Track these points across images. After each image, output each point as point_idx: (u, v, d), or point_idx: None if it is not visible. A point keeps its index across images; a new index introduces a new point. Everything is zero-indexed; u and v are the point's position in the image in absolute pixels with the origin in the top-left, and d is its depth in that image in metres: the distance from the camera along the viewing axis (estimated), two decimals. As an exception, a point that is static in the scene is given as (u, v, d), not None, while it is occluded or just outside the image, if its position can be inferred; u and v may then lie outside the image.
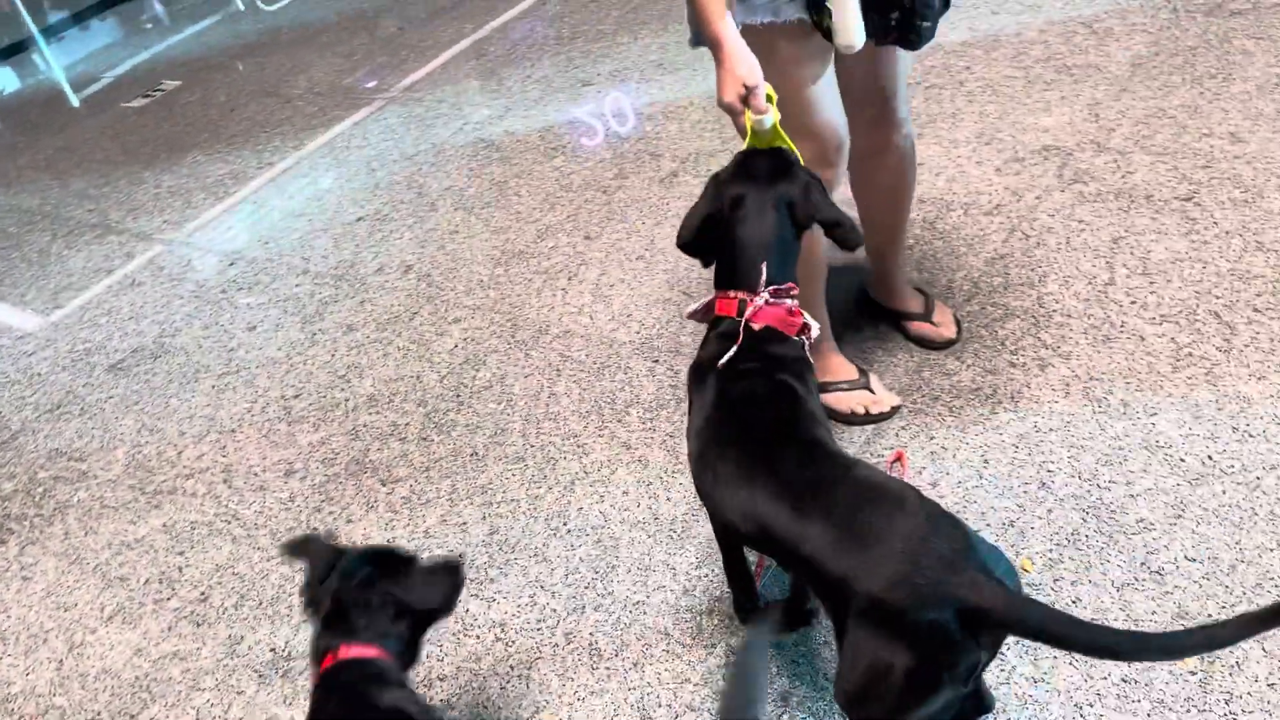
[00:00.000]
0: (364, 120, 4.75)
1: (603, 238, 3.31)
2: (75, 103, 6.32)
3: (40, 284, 4.16)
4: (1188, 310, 2.39)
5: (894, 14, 1.82)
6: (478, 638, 2.15)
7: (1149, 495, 2.01)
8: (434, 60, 5.19)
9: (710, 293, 1.84)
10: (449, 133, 4.35)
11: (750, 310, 1.71)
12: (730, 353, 1.69)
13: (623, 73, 4.38)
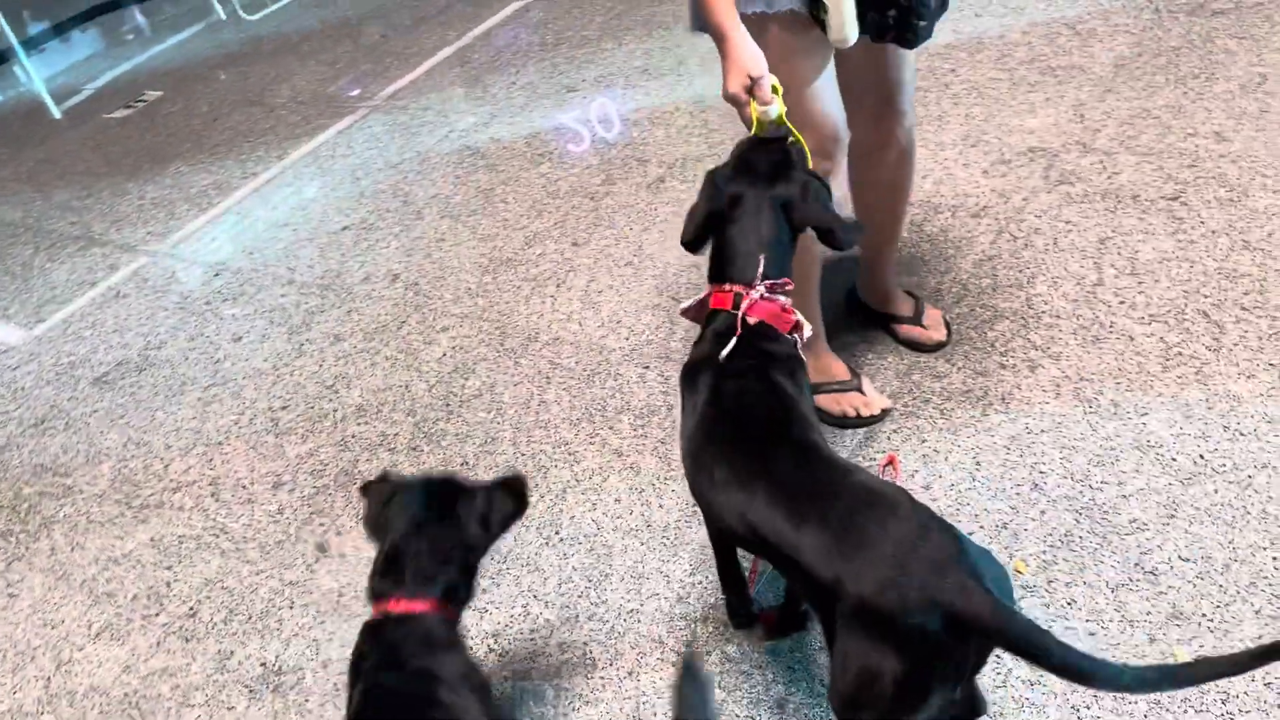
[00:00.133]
0: (348, 129, 4.73)
1: (591, 244, 3.30)
2: (57, 114, 6.28)
3: (23, 297, 4.13)
4: (1176, 310, 2.39)
5: (891, 12, 1.82)
6: (470, 650, 2.13)
7: (1141, 495, 2.01)
8: (418, 68, 5.17)
9: (702, 291, 1.83)
10: (434, 140, 4.34)
11: (746, 304, 1.70)
12: (731, 344, 1.68)
13: (608, 78, 4.37)
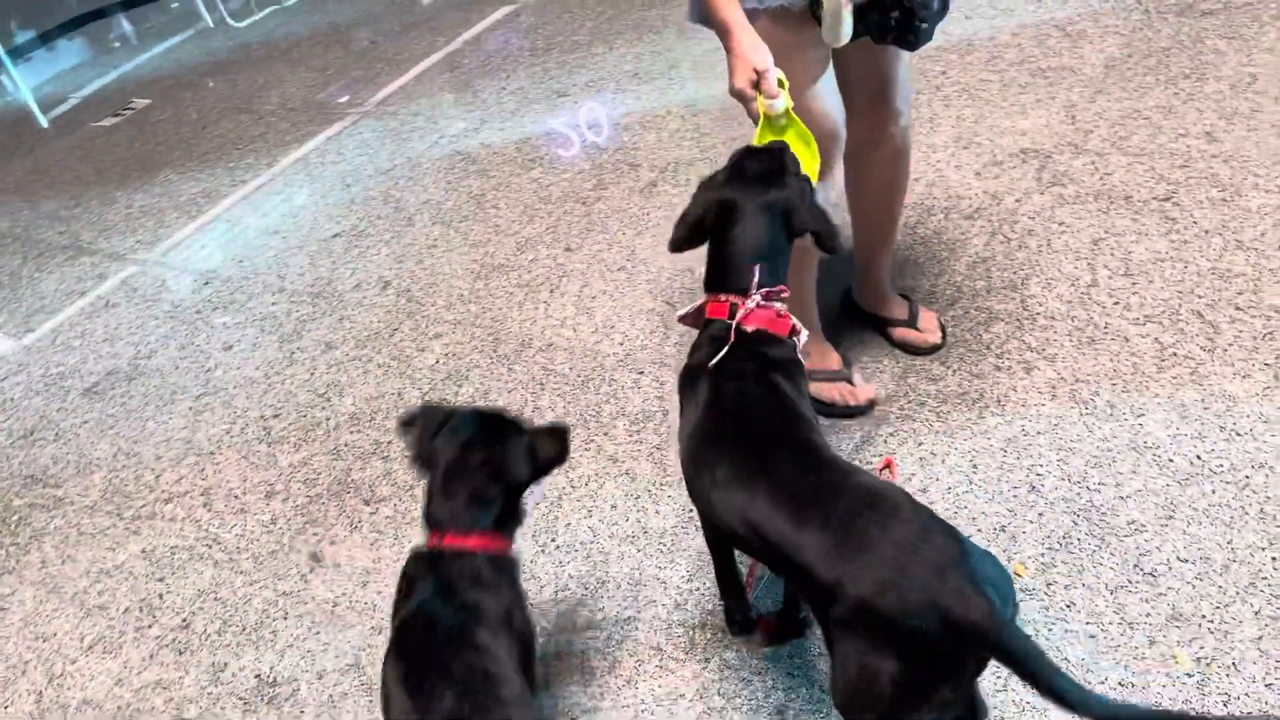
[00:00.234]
0: (338, 135, 4.71)
1: (583, 249, 3.29)
2: (44, 123, 6.25)
3: (11, 307, 4.10)
4: (1170, 310, 2.39)
5: (894, 13, 1.82)
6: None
7: (1139, 497, 2.01)
8: (408, 73, 5.16)
9: (698, 297, 1.82)
10: (424, 146, 4.32)
11: (742, 313, 1.71)
12: (721, 354, 1.68)
13: (598, 83, 4.37)
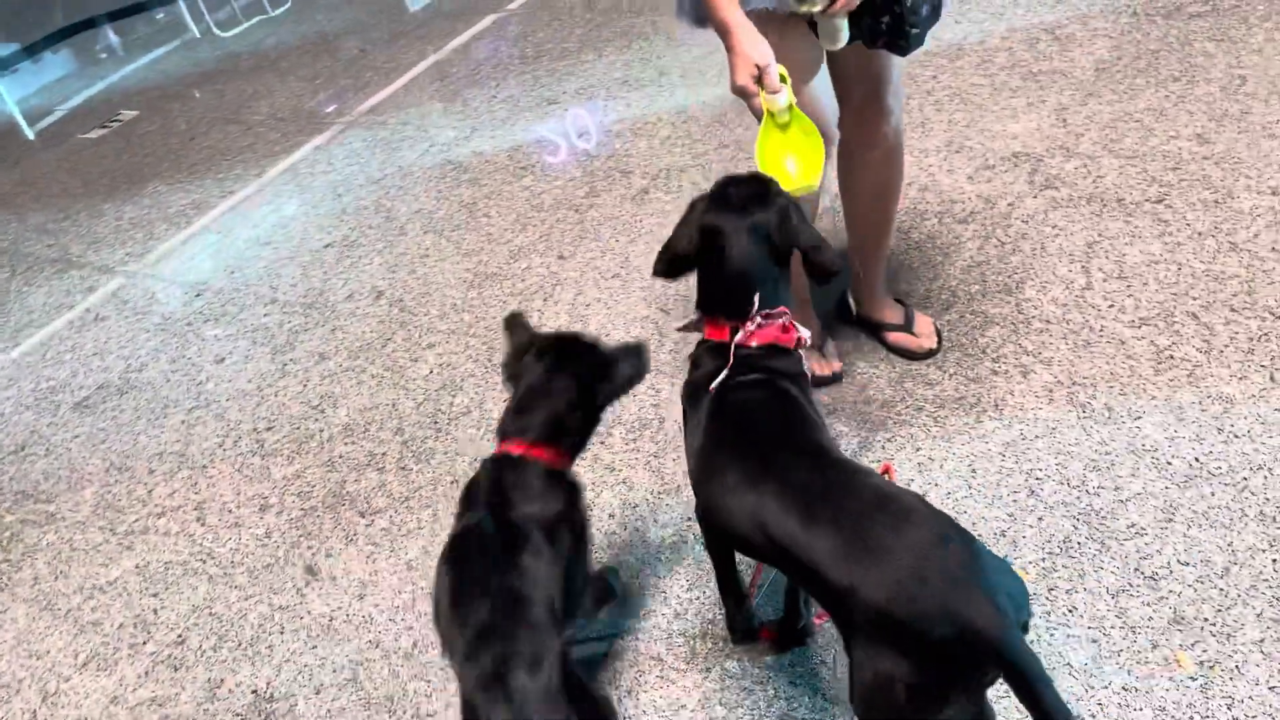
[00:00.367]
0: (328, 145, 4.69)
1: (576, 257, 3.28)
2: (30, 136, 6.21)
3: (0, 322, 4.07)
4: (1165, 312, 2.39)
5: (885, 19, 1.83)
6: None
7: (1138, 500, 2.00)
8: (398, 82, 5.15)
9: (693, 302, 1.82)
10: (415, 155, 4.31)
11: (741, 335, 1.71)
12: (721, 376, 1.68)
13: (589, 90, 4.36)
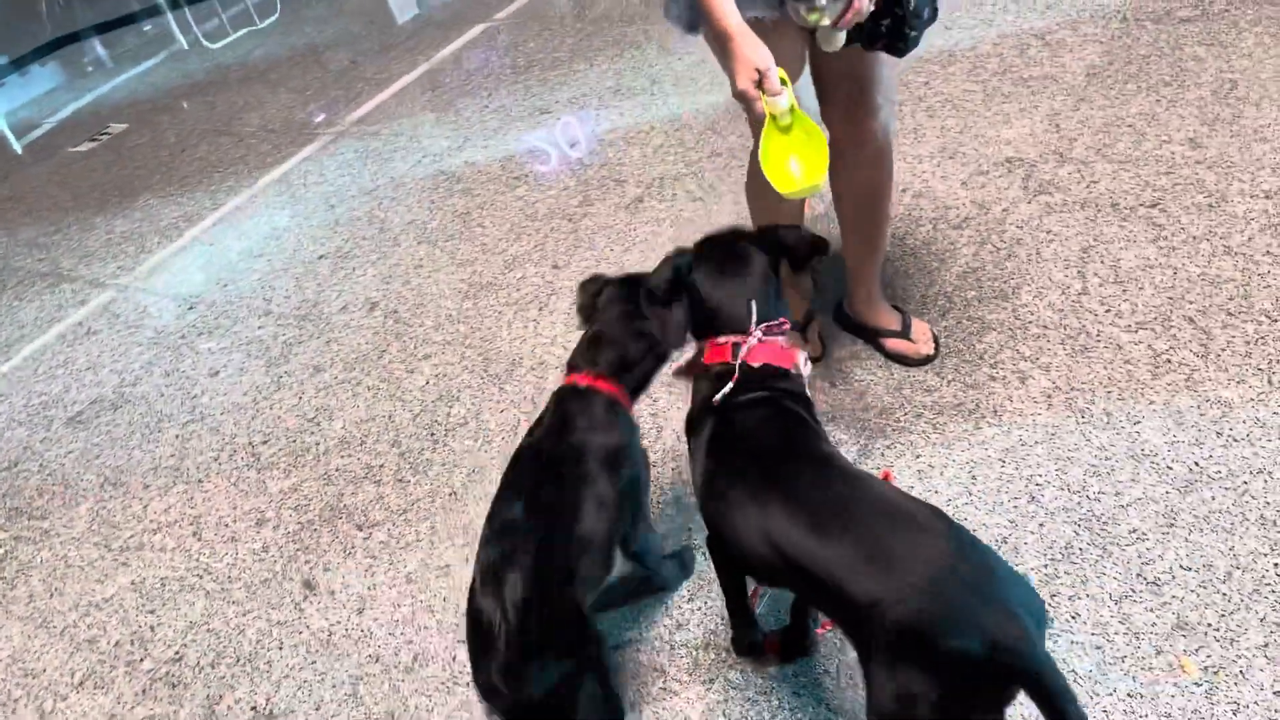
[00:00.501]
0: (320, 156, 4.68)
1: (571, 266, 3.28)
2: (18, 149, 6.19)
3: (-9, 337, 4.05)
4: (1162, 317, 2.40)
5: (885, 21, 1.83)
6: (468, 685, 2.09)
7: (1139, 505, 2.00)
8: (388, 92, 5.14)
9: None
10: (408, 166, 4.30)
11: (744, 350, 1.69)
12: (726, 389, 1.67)
13: (581, 99, 4.36)
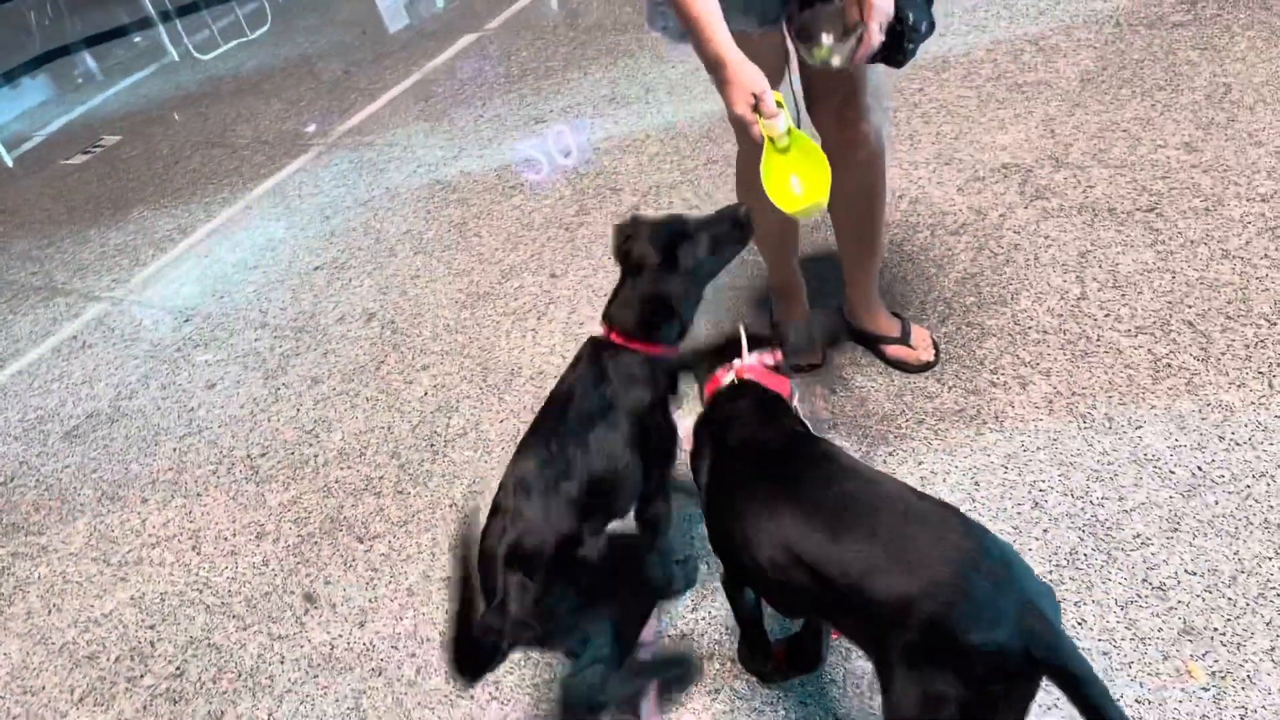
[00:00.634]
0: (314, 167, 4.67)
1: (569, 275, 3.27)
2: (9, 162, 6.17)
3: (-15, 351, 4.03)
4: (1161, 321, 2.40)
5: (883, 36, 1.83)
6: (472, 697, 2.08)
7: (1143, 510, 2.00)
8: (382, 103, 5.14)
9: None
10: (402, 176, 4.30)
11: (737, 367, 1.78)
12: (720, 391, 1.71)
13: (576, 108, 4.36)
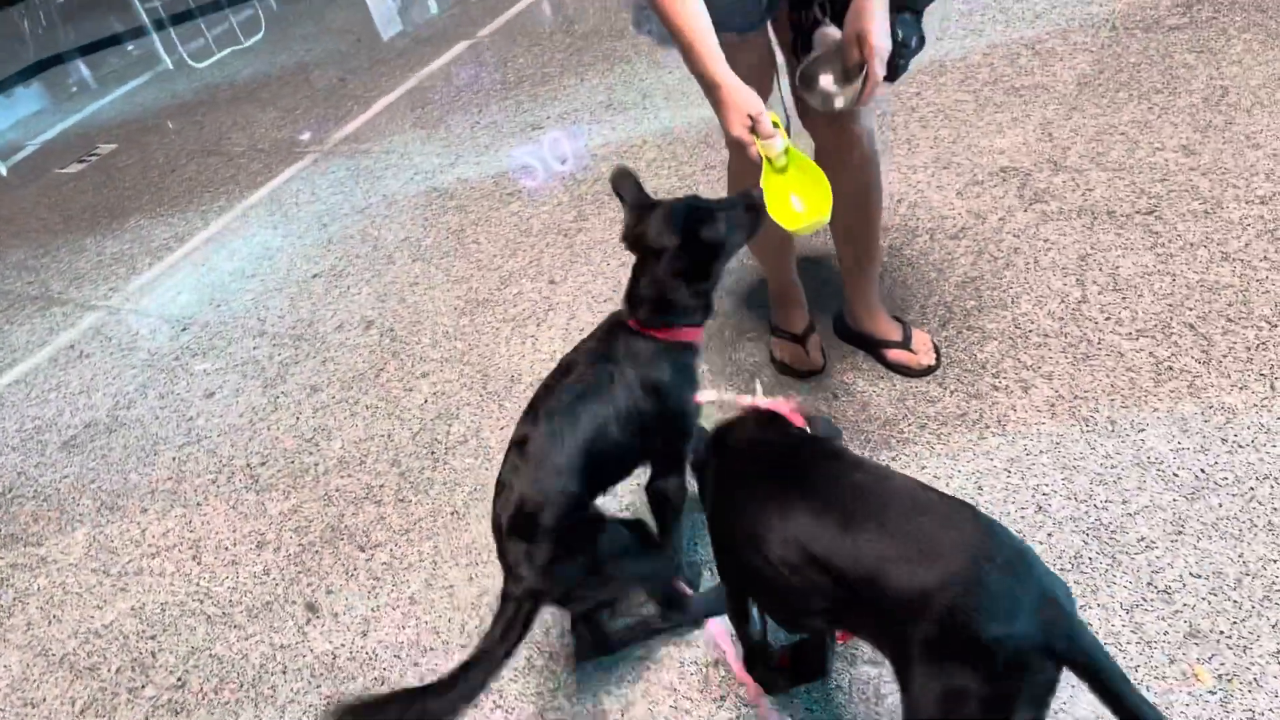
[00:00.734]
0: (311, 174, 4.67)
1: (568, 281, 3.27)
2: (3, 171, 6.16)
3: (-19, 361, 4.01)
4: (1162, 323, 2.41)
5: None
6: (475, 707, 2.06)
7: (1147, 513, 2.00)
8: (378, 110, 5.14)
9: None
10: (399, 183, 4.29)
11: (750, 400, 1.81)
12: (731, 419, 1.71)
13: (572, 114, 4.36)
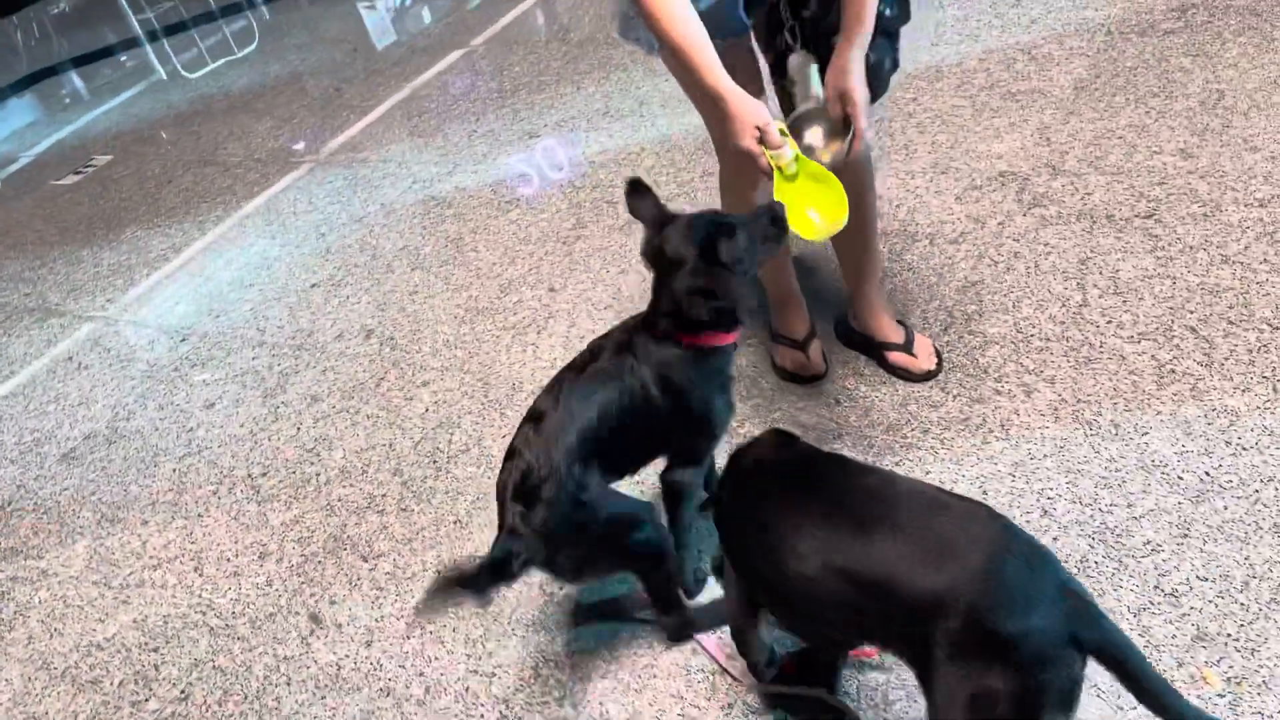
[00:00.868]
0: (308, 184, 4.67)
1: (568, 289, 3.27)
2: (-3, 183, 6.15)
3: (-21, 374, 4.00)
4: (1164, 327, 2.41)
5: None
6: (481, 716, 2.06)
7: (1152, 516, 2.01)
8: (374, 119, 5.13)
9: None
10: (397, 192, 4.29)
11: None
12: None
13: (569, 122, 4.36)
